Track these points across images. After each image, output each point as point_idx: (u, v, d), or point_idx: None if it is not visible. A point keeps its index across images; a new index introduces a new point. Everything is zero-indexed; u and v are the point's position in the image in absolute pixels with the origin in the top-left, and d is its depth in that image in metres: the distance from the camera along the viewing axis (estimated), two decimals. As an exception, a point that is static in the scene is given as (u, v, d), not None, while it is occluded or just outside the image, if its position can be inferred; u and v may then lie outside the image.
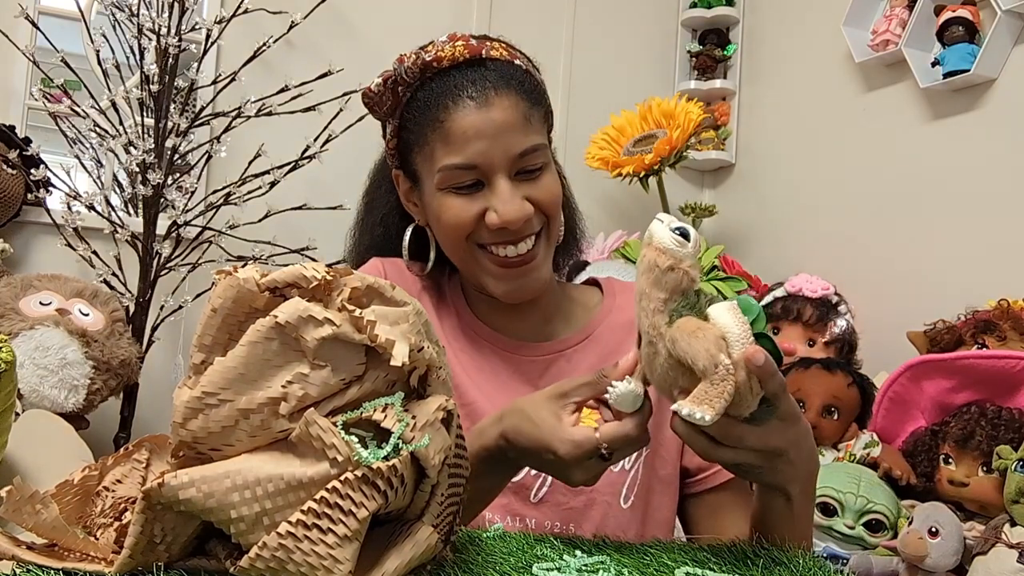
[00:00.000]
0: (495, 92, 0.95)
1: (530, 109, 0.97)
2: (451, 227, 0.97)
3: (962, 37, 1.89)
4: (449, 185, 0.96)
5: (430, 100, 0.96)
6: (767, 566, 0.65)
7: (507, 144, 0.94)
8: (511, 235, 0.96)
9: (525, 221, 0.95)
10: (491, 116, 0.94)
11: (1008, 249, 1.82)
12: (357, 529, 0.50)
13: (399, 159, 1.04)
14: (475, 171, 0.95)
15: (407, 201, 1.06)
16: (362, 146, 2.04)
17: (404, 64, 0.98)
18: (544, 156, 0.98)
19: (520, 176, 0.96)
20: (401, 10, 2.34)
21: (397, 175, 1.06)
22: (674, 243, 0.67)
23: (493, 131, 0.94)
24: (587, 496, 0.97)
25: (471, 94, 0.94)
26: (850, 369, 1.71)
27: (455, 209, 0.96)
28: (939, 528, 1.29)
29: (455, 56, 0.96)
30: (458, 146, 0.94)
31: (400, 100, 1.00)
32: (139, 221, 1.88)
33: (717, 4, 2.61)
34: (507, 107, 0.95)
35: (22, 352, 1.47)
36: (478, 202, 0.95)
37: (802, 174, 2.38)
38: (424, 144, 0.97)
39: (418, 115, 0.98)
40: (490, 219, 0.94)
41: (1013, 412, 1.34)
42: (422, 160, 0.99)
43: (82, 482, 0.64)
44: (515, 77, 0.98)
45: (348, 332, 0.52)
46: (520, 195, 0.95)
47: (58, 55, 1.82)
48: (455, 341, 1.04)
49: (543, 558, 0.64)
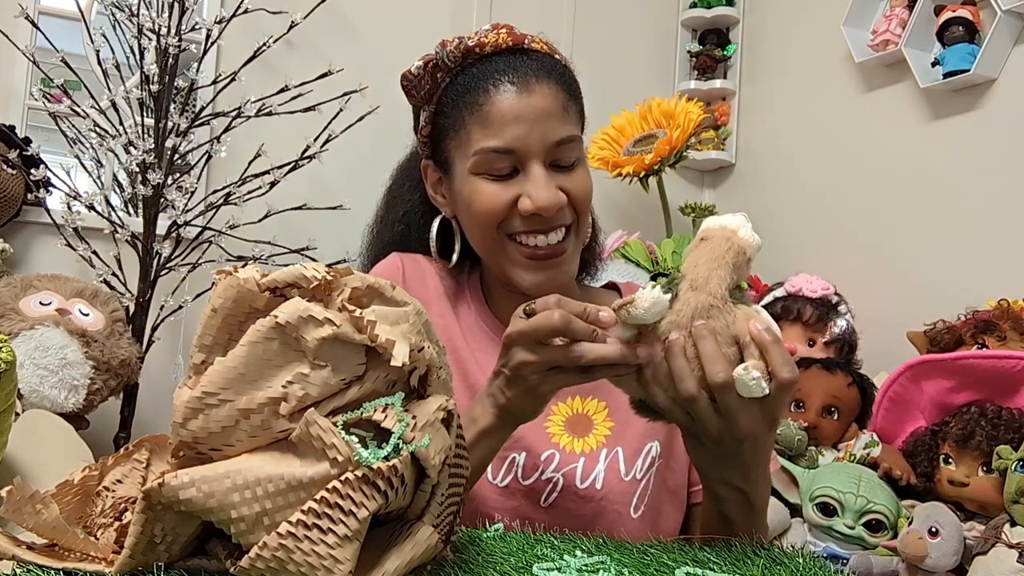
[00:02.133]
0: (536, 80, 0.95)
1: (568, 101, 0.98)
2: (483, 213, 0.96)
3: (962, 37, 1.89)
4: (483, 170, 0.95)
5: (470, 84, 0.96)
6: (767, 566, 0.65)
7: (545, 131, 0.94)
8: (543, 223, 0.95)
9: (558, 210, 0.95)
10: (531, 102, 0.94)
11: (1008, 249, 1.82)
12: (357, 529, 0.50)
13: (431, 147, 1.03)
14: (511, 156, 0.94)
15: (434, 193, 1.05)
16: (362, 146, 2.05)
17: (446, 48, 0.98)
18: (579, 150, 0.98)
19: (554, 167, 0.96)
20: (401, 10, 2.34)
21: (426, 166, 1.05)
22: (757, 245, 0.74)
23: (532, 116, 0.94)
24: (597, 504, 0.96)
25: (512, 79, 0.95)
26: (850, 369, 1.71)
27: (488, 195, 0.95)
28: (939, 528, 1.29)
29: (498, 43, 0.97)
30: (496, 129, 0.94)
31: (438, 85, 0.99)
32: (139, 221, 1.88)
33: (717, 4, 2.61)
34: (547, 95, 0.95)
35: (22, 352, 1.47)
36: (511, 189, 0.95)
37: (802, 174, 2.38)
38: (461, 128, 0.97)
39: (456, 99, 0.97)
40: (523, 205, 0.94)
41: (1013, 412, 1.34)
42: (456, 145, 0.98)
43: (82, 482, 0.64)
44: (555, 69, 0.98)
45: (348, 332, 0.52)
46: (554, 184, 0.95)
47: (58, 55, 1.82)
48: (473, 339, 1.04)
49: (543, 558, 0.64)
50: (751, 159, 2.57)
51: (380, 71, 2.09)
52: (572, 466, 0.98)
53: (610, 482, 0.98)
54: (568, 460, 0.98)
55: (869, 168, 2.18)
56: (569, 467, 0.98)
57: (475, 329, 1.05)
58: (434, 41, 1.01)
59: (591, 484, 0.97)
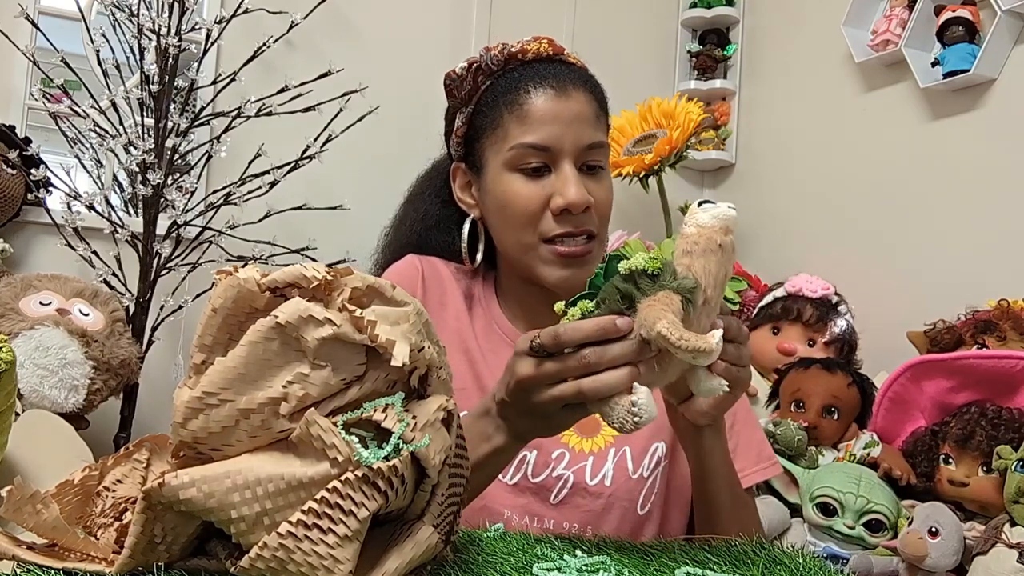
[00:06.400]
0: (573, 86, 1.01)
1: (599, 112, 1.04)
2: (518, 213, 0.99)
3: (962, 37, 1.89)
4: (517, 165, 0.99)
5: (511, 85, 1.02)
6: (767, 566, 0.65)
7: (579, 133, 0.99)
8: (572, 224, 0.98)
9: (585, 208, 0.98)
10: (568, 105, 1.00)
11: (1008, 249, 1.82)
12: (357, 529, 0.50)
13: (464, 148, 1.07)
14: (545, 153, 0.99)
15: (463, 195, 1.09)
16: (362, 146, 2.05)
17: (490, 53, 1.03)
18: (606, 159, 1.04)
19: (583, 171, 1.01)
20: (401, 10, 2.34)
21: (456, 168, 1.09)
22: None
23: (569, 118, 0.99)
24: (606, 500, 0.99)
25: (552, 84, 1.00)
26: (850, 369, 1.71)
27: (522, 195, 0.99)
28: (939, 528, 1.29)
29: (539, 51, 1.03)
30: (534, 126, 0.99)
31: (479, 87, 1.04)
32: (139, 221, 1.88)
33: (717, 4, 2.61)
34: (583, 101, 1.01)
35: (22, 352, 1.47)
36: (544, 189, 0.99)
37: (802, 174, 2.38)
38: (498, 126, 1.01)
39: (496, 98, 1.02)
40: (555, 202, 0.98)
41: (1013, 412, 1.34)
42: (492, 143, 1.02)
43: (82, 482, 0.64)
44: (590, 81, 1.05)
45: (348, 332, 0.52)
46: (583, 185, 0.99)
47: (58, 55, 1.82)
48: (484, 342, 1.06)
49: (543, 558, 0.64)
50: (751, 159, 2.57)
51: (380, 71, 2.10)
52: (582, 464, 1.01)
53: (619, 479, 1.01)
54: (578, 458, 1.01)
55: (869, 168, 2.18)
56: (579, 465, 1.01)
57: (488, 331, 1.08)
58: (434, 41, 1.03)
59: (600, 481, 1.00)
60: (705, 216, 0.71)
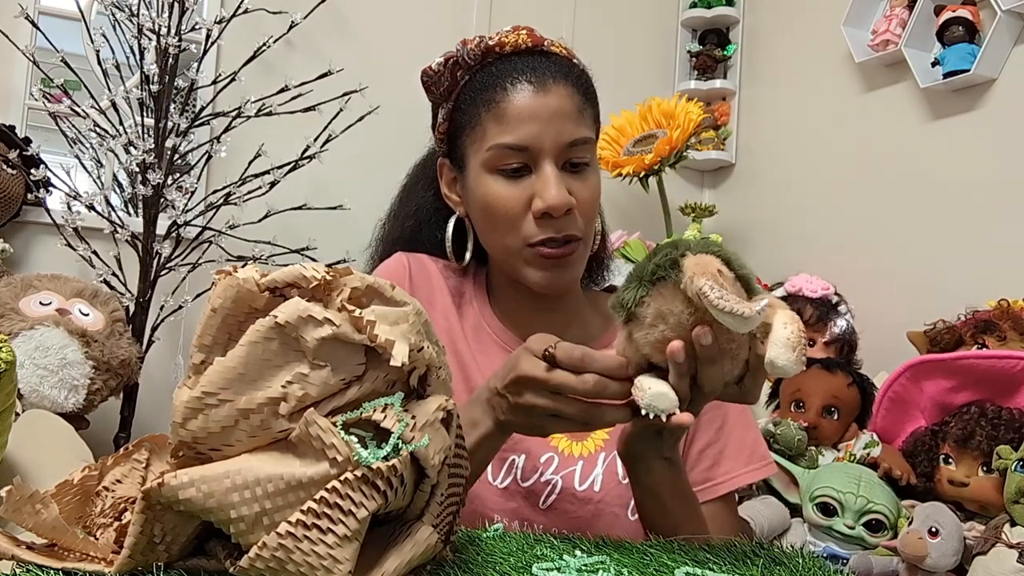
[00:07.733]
0: (553, 80, 0.96)
1: (583, 104, 0.98)
2: (499, 216, 0.96)
3: (962, 37, 1.89)
4: (496, 166, 0.96)
5: (488, 82, 0.97)
6: (767, 566, 0.65)
7: (559, 131, 0.95)
8: (554, 227, 0.95)
9: (567, 212, 0.95)
10: (547, 101, 0.95)
11: (1008, 249, 1.82)
12: (357, 529, 0.50)
13: (448, 144, 1.04)
14: (524, 154, 0.95)
15: (449, 192, 1.06)
16: (362, 146, 2.05)
17: (467, 47, 0.99)
18: (591, 154, 0.99)
19: (566, 169, 0.97)
20: (401, 10, 2.34)
21: (442, 164, 1.06)
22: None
23: (547, 115, 0.95)
24: (595, 506, 0.97)
25: (530, 79, 0.96)
26: (850, 369, 1.71)
27: (502, 195, 0.96)
28: (939, 528, 1.29)
29: (518, 43, 0.98)
30: (511, 126, 0.95)
31: (457, 82, 1.00)
32: (139, 221, 1.88)
33: (717, 4, 2.61)
34: (563, 96, 0.96)
35: (22, 352, 1.47)
36: (524, 189, 0.95)
37: (802, 174, 2.38)
38: (476, 124, 0.98)
39: (474, 95, 0.98)
40: (535, 205, 0.95)
41: (1013, 412, 1.34)
42: (471, 141, 0.99)
43: (82, 482, 0.64)
44: (573, 72, 0.99)
45: (348, 332, 0.52)
46: (564, 185, 0.95)
47: (58, 55, 1.82)
48: (474, 342, 1.04)
49: (543, 558, 0.64)
50: (751, 159, 2.57)
51: (380, 71, 2.10)
52: (571, 469, 0.99)
53: (608, 484, 0.98)
54: (567, 463, 0.99)
55: (869, 168, 2.18)
56: (568, 470, 0.99)
57: (478, 330, 1.05)
58: (434, 41, 1.01)
59: (589, 486, 0.98)
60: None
